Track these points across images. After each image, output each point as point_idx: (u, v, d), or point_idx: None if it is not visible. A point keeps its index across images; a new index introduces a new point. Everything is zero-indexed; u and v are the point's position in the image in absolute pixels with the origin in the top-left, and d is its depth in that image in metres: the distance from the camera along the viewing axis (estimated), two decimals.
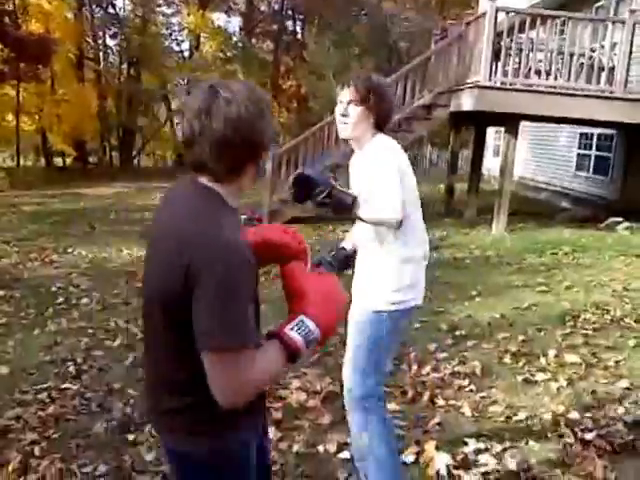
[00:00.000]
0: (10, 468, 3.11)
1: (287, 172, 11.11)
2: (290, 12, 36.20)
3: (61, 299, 6.21)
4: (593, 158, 14.39)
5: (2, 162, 26.87)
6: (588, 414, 3.77)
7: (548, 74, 10.31)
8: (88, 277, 7.14)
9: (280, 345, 1.53)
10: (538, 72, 10.32)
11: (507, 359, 4.73)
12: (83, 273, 7.34)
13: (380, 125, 2.67)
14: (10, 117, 23.51)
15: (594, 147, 14.40)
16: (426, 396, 4.00)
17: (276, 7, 35.41)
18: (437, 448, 3.28)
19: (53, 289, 6.58)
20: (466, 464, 3.19)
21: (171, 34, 32.56)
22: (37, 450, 3.30)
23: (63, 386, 4.12)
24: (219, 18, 35.12)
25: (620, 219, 11.02)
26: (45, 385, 4.11)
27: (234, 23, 56.69)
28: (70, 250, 8.67)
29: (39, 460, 3.20)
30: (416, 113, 11.35)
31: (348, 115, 2.61)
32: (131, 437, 3.45)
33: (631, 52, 9.86)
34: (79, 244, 9.08)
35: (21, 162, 24.08)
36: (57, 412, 3.73)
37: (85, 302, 6.14)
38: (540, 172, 17.48)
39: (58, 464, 3.16)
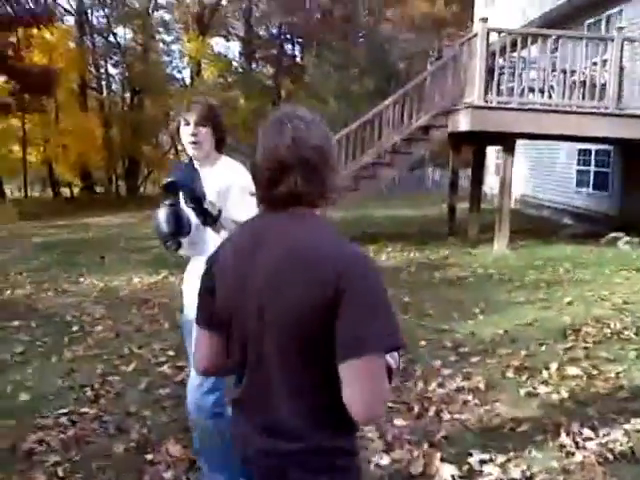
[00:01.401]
0: None
1: None
2: (289, 36, 36.60)
3: (75, 327, 6.34)
4: (592, 174, 14.50)
5: (10, 194, 27.06)
6: (589, 424, 3.90)
7: (542, 92, 10.51)
8: (100, 305, 7.30)
9: None
10: (532, 90, 10.52)
11: (510, 373, 4.85)
12: (95, 302, 7.49)
13: (220, 146, 2.88)
14: (17, 148, 23.75)
15: (593, 163, 14.53)
16: (432, 411, 4.13)
17: (274, 31, 35.81)
18: (442, 459, 3.42)
19: (67, 318, 6.72)
20: (471, 474, 3.33)
21: (172, 61, 33.09)
22: (60, 471, 3.43)
23: (82, 410, 4.25)
24: (218, 43, 35.56)
25: (621, 234, 11.14)
26: (65, 410, 4.25)
27: (233, 48, 57.28)
28: (82, 280, 8.83)
29: None
30: (414, 134, 11.49)
31: (197, 135, 2.77)
32: (149, 457, 3.59)
33: (622, 69, 10.08)
34: (90, 273, 9.24)
35: (28, 193, 24.20)
36: (78, 435, 3.87)
37: (99, 330, 6.28)
38: (541, 189, 17.62)
39: None
